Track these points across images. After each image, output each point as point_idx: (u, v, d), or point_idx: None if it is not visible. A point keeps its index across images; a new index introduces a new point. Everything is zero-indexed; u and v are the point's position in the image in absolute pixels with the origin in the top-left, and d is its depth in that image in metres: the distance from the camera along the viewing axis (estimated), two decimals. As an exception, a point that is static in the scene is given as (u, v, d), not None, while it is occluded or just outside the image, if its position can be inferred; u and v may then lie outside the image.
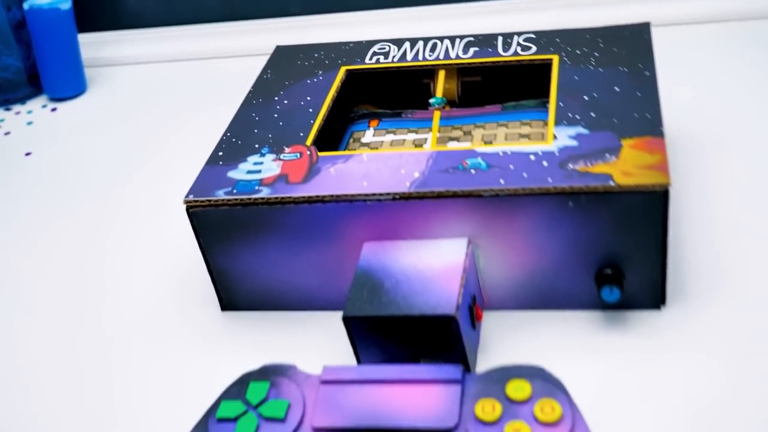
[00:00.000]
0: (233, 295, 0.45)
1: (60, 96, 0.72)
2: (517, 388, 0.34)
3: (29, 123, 0.69)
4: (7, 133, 0.68)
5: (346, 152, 0.44)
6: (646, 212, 0.38)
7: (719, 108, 0.56)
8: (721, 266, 0.43)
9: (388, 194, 0.40)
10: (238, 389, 0.37)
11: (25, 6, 0.69)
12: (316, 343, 0.43)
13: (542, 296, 0.42)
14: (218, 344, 0.44)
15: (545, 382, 0.35)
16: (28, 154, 0.65)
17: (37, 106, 0.72)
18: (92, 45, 0.78)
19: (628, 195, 0.38)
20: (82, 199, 0.58)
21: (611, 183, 0.38)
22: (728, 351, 0.39)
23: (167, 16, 0.79)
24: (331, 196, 0.40)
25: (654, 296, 0.41)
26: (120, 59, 0.76)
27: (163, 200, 0.56)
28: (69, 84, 0.72)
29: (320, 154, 0.44)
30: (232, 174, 0.43)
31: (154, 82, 0.72)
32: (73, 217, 0.56)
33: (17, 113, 0.71)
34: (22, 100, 0.73)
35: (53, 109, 0.71)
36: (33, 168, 0.62)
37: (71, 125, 0.68)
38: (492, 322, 0.42)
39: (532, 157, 0.40)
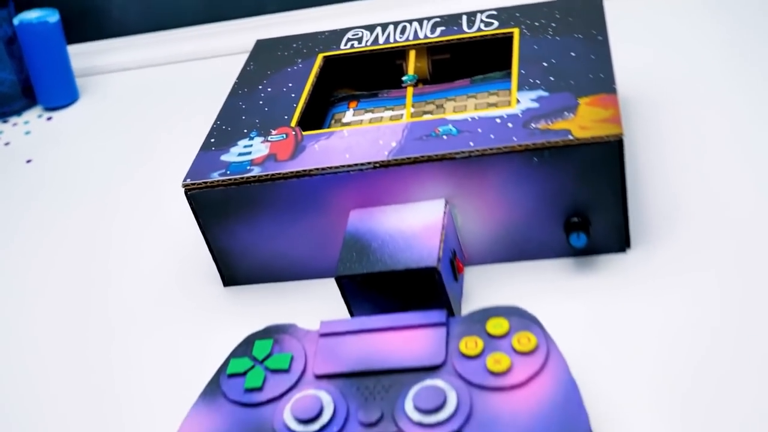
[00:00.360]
0: (234, 271, 0.49)
1: (54, 105, 0.75)
2: (496, 325, 0.38)
3: (27, 133, 0.73)
4: (7, 144, 0.72)
5: (329, 130, 0.47)
6: (604, 161, 0.42)
7: (670, 70, 0.59)
8: (678, 210, 0.47)
9: (368, 163, 0.44)
10: (244, 348, 0.40)
11: (15, 22, 0.72)
12: (313, 308, 0.47)
13: (517, 248, 0.46)
14: (223, 316, 0.48)
15: (521, 318, 0.38)
16: (29, 161, 0.68)
17: (33, 116, 0.75)
18: (81, 55, 0.82)
19: (586, 147, 0.42)
20: (85, 197, 0.61)
21: (570, 137, 0.42)
22: (689, 285, 0.43)
23: (150, 23, 0.82)
24: (317, 169, 0.44)
25: (619, 240, 0.45)
26: (108, 67, 0.80)
27: (161, 192, 0.60)
28: (62, 93, 0.75)
29: (304, 133, 0.47)
30: (225, 157, 0.47)
31: (142, 86, 0.76)
32: (78, 214, 0.59)
33: (14, 124, 0.75)
34: (18, 112, 0.76)
35: (49, 118, 0.74)
36: (35, 173, 0.66)
37: (67, 132, 0.71)
38: (473, 276, 0.46)
39: (498, 121, 0.44)
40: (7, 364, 0.48)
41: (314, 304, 0.47)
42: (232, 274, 0.49)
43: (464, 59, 0.55)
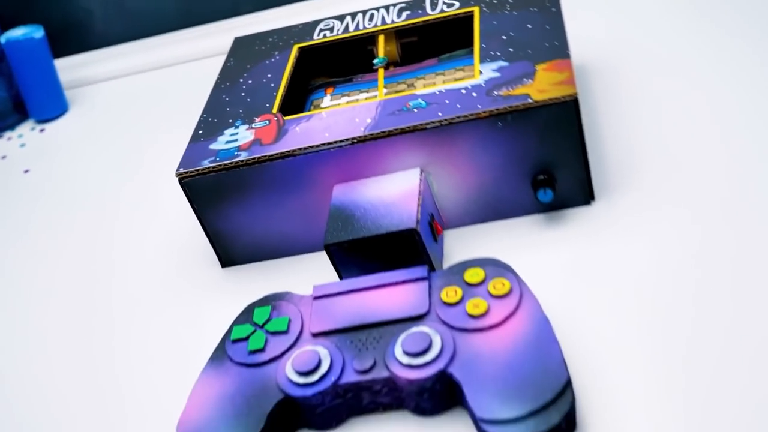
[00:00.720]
0: (230, 252, 0.52)
1: (46, 117, 0.78)
2: (473, 274, 0.42)
3: (22, 145, 0.76)
4: (3, 157, 0.75)
5: (308, 113, 0.51)
6: (563, 120, 0.46)
7: (625, 36, 0.63)
8: (637, 163, 0.51)
9: (347, 140, 0.47)
10: (245, 316, 0.44)
11: (2, 40, 0.75)
12: (307, 278, 0.50)
13: (490, 209, 0.49)
14: (224, 295, 0.51)
15: (496, 266, 0.42)
16: (26, 171, 0.71)
17: (26, 129, 0.79)
18: (67, 68, 0.85)
19: (544, 108, 0.45)
20: (85, 198, 0.65)
21: (529, 100, 0.45)
22: (650, 230, 0.46)
23: (131, 32, 0.85)
24: (300, 149, 0.48)
25: (583, 193, 0.48)
26: (94, 77, 0.83)
27: (156, 188, 0.63)
28: (52, 106, 0.78)
29: (286, 118, 0.51)
30: (214, 146, 0.50)
31: (129, 93, 0.79)
32: (79, 214, 0.63)
33: (9, 139, 0.78)
34: (12, 127, 0.80)
35: (42, 130, 0.77)
36: (34, 182, 0.69)
37: (61, 141, 0.74)
38: (452, 238, 0.50)
39: (463, 91, 0.48)
40: (21, 355, 0.51)
41: (308, 276, 0.50)
42: (228, 255, 0.52)
43: (430, 40, 0.58)
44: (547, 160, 0.47)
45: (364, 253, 0.45)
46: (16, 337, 0.53)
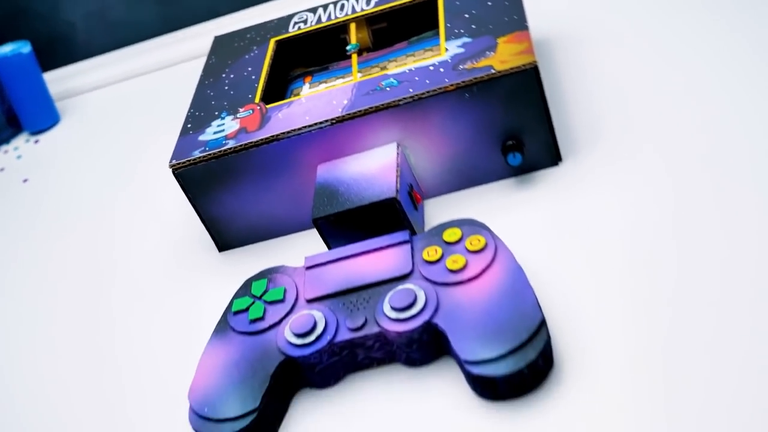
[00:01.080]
0: (226, 237, 0.55)
1: (39, 129, 0.82)
2: (451, 234, 0.45)
3: (19, 157, 0.79)
4: (2, 169, 0.78)
5: (288, 100, 0.54)
6: (525, 87, 0.49)
7: (586, 10, 0.66)
8: (600, 125, 0.54)
9: (326, 121, 0.50)
10: (244, 290, 0.47)
11: (-8, 57, 0.79)
12: (299, 254, 0.53)
13: (465, 177, 0.53)
14: (223, 277, 0.54)
15: (471, 225, 0.45)
16: (25, 180, 0.75)
17: (21, 142, 0.82)
18: (55, 81, 0.88)
19: (507, 77, 0.49)
20: (85, 201, 0.68)
21: (493, 71, 0.49)
22: (616, 186, 0.50)
23: (114, 41, 0.89)
24: (283, 133, 0.51)
25: (550, 155, 0.52)
26: (82, 87, 0.86)
27: (152, 185, 0.66)
28: (44, 117, 0.81)
29: (268, 106, 0.54)
30: (202, 137, 0.54)
31: (117, 99, 0.82)
32: (81, 216, 0.66)
33: (5, 152, 0.81)
34: (7, 140, 0.83)
35: (36, 141, 0.81)
36: (34, 189, 0.72)
37: (56, 151, 0.78)
38: (431, 207, 0.53)
39: (431, 68, 0.51)
40: (28, 348, 0.54)
41: (300, 251, 0.54)
42: (224, 240, 0.56)
43: (400, 25, 0.62)
44: (514, 126, 0.51)
45: (350, 224, 0.49)
46: (25, 329, 0.56)
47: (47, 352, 0.54)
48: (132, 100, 0.81)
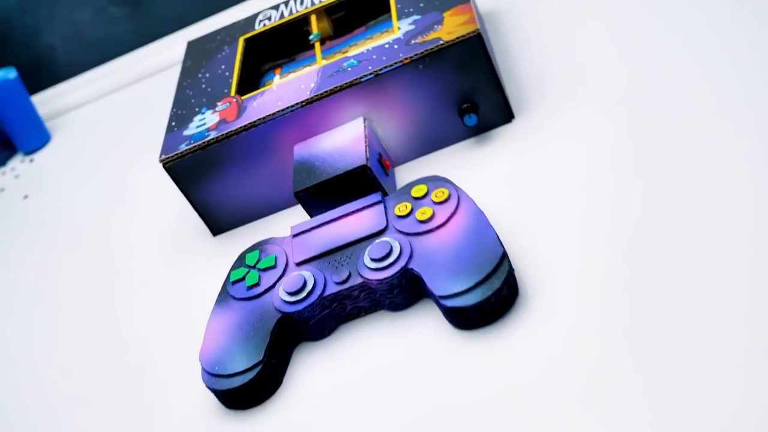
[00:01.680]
0: (218, 221, 0.60)
1: (32, 149, 0.86)
2: (418, 190, 0.50)
3: (16, 176, 0.84)
4: (2, 190, 0.83)
5: (261, 90, 0.59)
6: (472, 53, 0.54)
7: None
8: (548, 83, 0.59)
9: (297, 104, 0.56)
10: (239, 262, 0.52)
11: (-19, 86, 0.84)
12: (286, 229, 0.59)
13: (428, 142, 0.58)
14: (219, 258, 0.59)
15: (436, 180, 0.50)
16: (26, 196, 0.79)
17: (17, 163, 0.87)
18: (43, 102, 0.93)
19: (454, 46, 0.54)
20: (84, 209, 0.73)
21: (441, 42, 0.54)
22: (567, 137, 0.55)
23: (94, 59, 0.94)
24: (260, 119, 0.56)
25: (503, 113, 0.57)
26: (68, 106, 0.91)
27: (144, 186, 0.71)
28: (36, 137, 0.86)
29: (243, 97, 0.59)
30: (186, 132, 0.59)
31: (103, 113, 0.87)
32: (81, 223, 0.71)
33: (3, 173, 0.86)
34: (3, 163, 0.88)
35: (31, 160, 0.86)
36: (35, 204, 0.77)
37: (51, 167, 0.83)
38: (400, 173, 0.58)
39: (386, 46, 0.56)
40: (39, 343, 0.60)
41: (286, 226, 0.59)
42: (217, 224, 0.61)
43: (357, 13, 0.67)
44: (467, 90, 0.56)
45: (328, 193, 0.54)
46: (36, 323, 0.61)
47: (59, 345, 0.59)
48: (117, 112, 0.86)
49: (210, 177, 0.58)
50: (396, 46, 0.56)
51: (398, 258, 0.47)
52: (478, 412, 0.42)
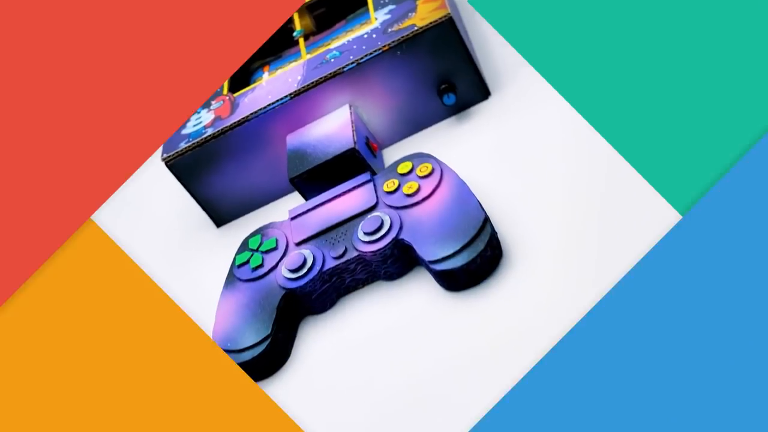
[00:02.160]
0: (220, 213, 0.64)
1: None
2: (404, 167, 0.54)
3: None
4: (12, 202, 0.87)
5: (251, 86, 0.63)
6: (445, 37, 0.58)
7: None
8: (521, 60, 0.63)
9: (286, 96, 0.59)
10: (243, 247, 0.56)
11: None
12: (284, 215, 0.62)
13: (412, 123, 0.61)
14: (224, 248, 0.63)
15: (420, 157, 0.54)
16: (35, 207, 0.83)
17: (24, 176, 0.91)
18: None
19: (428, 31, 0.57)
20: (92, 218, 0.77)
21: (416, 28, 0.58)
22: (542, 108, 0.58)
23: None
24: (252, 113, 0.60)
25: (480, 91, 0.61)
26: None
27: (149, 190, 0.75)
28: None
29: (235, 95, 0.63)
30: (185, 131, 0.62)
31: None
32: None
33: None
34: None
35: (38, 173, 0.89)
36: (45, 213, 0.81)
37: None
38: (388, 154, 0.62)
39: (365, 36, 0.60)
40: (81, 335, 0.63)
41: (285, 212, 0.62)
42: (220, 216, 0.64)
43: (336, 8, 0.71)
44: (445, 72, 0.59)
45: (321, 177, 0.58)
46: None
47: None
48: (116, 120, 0.90)
49: (210, 172, 0.62)
50: (374, 36, 0.59)
51: (389, 230, 0.51)
52: (470, 362, 0.46)
